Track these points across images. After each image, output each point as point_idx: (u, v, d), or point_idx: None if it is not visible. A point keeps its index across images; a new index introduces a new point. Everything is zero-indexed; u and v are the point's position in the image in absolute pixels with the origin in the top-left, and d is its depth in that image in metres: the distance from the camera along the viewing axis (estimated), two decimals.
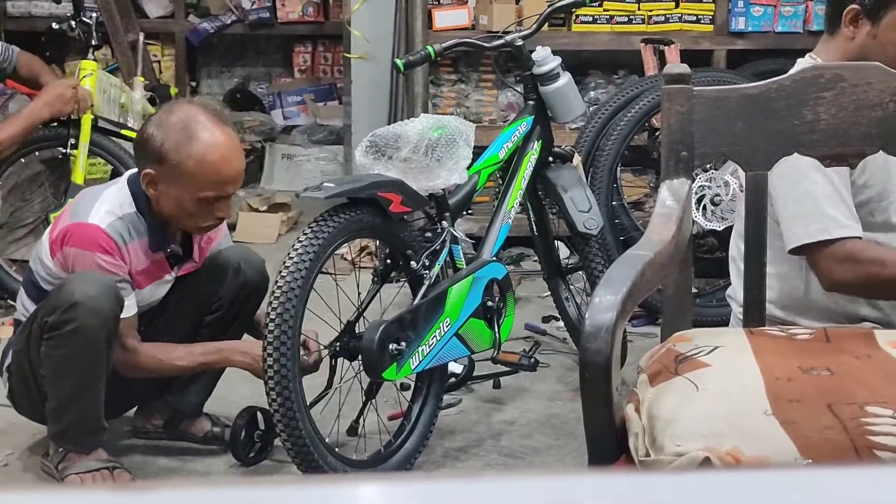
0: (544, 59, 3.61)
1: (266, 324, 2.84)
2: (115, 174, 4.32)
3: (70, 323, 2.86)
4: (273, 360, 2.82)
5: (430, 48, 3.52)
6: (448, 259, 3.28)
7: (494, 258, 3.40)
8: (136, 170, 3.08)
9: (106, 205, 2.99)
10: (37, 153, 4.54)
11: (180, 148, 2.92)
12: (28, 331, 3.02)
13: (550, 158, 3.66)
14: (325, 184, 3.00)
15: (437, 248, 3.21)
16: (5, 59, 4.39)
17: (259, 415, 3.15)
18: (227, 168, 2.98)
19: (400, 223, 3.13)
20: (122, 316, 2.95)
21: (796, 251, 2.55)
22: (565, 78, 3.62)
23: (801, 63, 2.69)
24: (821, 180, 2.50)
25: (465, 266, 3.31)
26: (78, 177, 4.43)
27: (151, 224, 3.02)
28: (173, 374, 3.16)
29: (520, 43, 3.62)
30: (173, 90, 5.84)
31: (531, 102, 3.65)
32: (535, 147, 3.59)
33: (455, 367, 3.44)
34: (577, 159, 3.76)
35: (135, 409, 3.36)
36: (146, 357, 3.05)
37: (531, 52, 3.63)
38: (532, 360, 3.57)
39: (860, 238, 2.52)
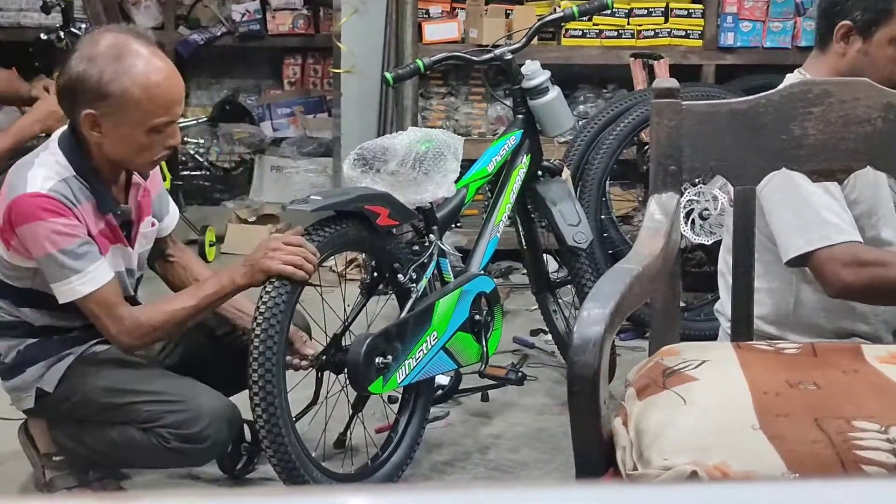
0: (533, 72, 3.61)
1: (251, 338, 2.83)
2: None
3: (187, 453, 2.84)
4: (258, 376, 2.81)
5: (419, 61, 3.53)
6: (436, 272, 3.27)
7: (482, 272, 3.40)
8: (62, 129, 2.87)
9: (42, 171, 2.77)
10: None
11: (121, 77, 2.69)
12: (140, 410, 2.87)
13: (539, 172, 3.67)
14: (312, 196, 2.99)
15: (425, 261, 3.20)
16: None
17: (246, 427, 3.14)
18: (173, 88, 2.78)
19: (387, 236, 3.13)
20: (99, 285, 2.75)
21: (796, 261, 2.55)
22: (554, 92, 3.63)
23: (791, 78, 2.70)
24: (818, 191, 2.51)
25: (452, 279, 3.30)
26: None
27: (95, 186, 2.80)
28: (185, 324, 2.89)
29: (509, 57, 3.63)
30: None
31: (520, 116, 3.65)
32: (524, 161, 3.59)
33: (442, 380, 3.44)
34: (565, 173, 3.77)
35: None
36: (149, 316, 2.83)
37: (520, 65, 3.64)
38: (519, 374, 3.56)
39: (861, 242, 2.52)
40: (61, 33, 4.71)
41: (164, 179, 4.82)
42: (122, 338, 2.83)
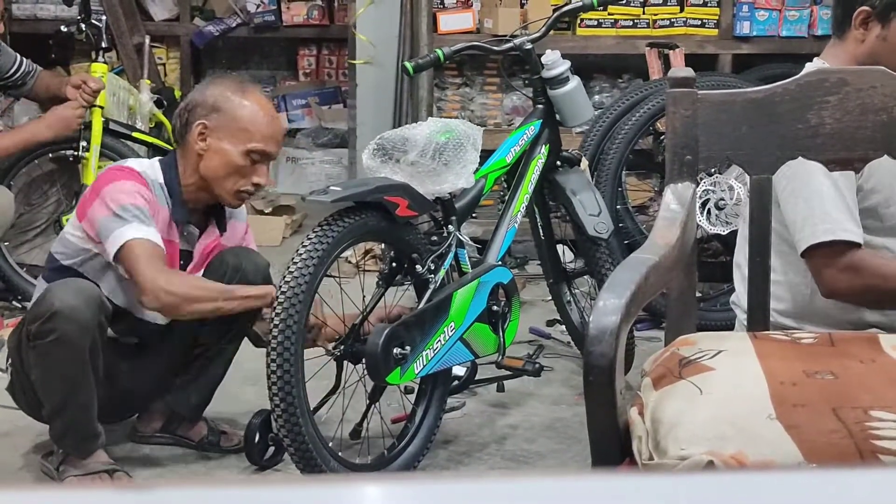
0: (554, 62, 3.59)
1: (269, 329, 2.84)
2: None
3: (51, 333, 2.86)
4: (276, 366, 2.81)
5: (439, 51, 3.51)
6: (453, 263, 3.27)
7: (500, 262, 3.39)
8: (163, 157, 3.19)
9: (138, 163, 3.12)
10: (49, 155, 4.55)
11: (235, 99, 3.08)
12: (19, 333, 3.02)
13: (558, 162, 3.65)
14: (332, 187, 2.99)
15: (443, 252, 3.20)
16: (28, 74, 4.40)
17: (272, 417, 3.13)
18: (275, 126, 3.14)
19: (406, 227, 3.13)
20: (149, 237, 2.92)
21: (806, 254, 2.55)
22: (574, 82, 3.61)
23: (810, 67, 2.68)
24: (827, 183, 2.51)
25: (470, 270, 3.30)
26: (89, 179, 4.44)
27: (175, 198, 3.07)
28: (209, 303, 3.00)
29: (529, 47, 3.62)
30: (177, 93, 5.85)
31: (540, 106, 3.64)
32: (543, 151, 3.58)
33: (458, 370, 3.44)
34: (584, 163, 3.76)
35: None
36: (186, 279, 3.03)
37: (540, 55, 3.63)
38: (536, 365, 3.55)
39: (860, 245, 2.52)
40: (82, 25, 4.73)
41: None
42: (155, 283, 2.90)
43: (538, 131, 3.59)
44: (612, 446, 1.89)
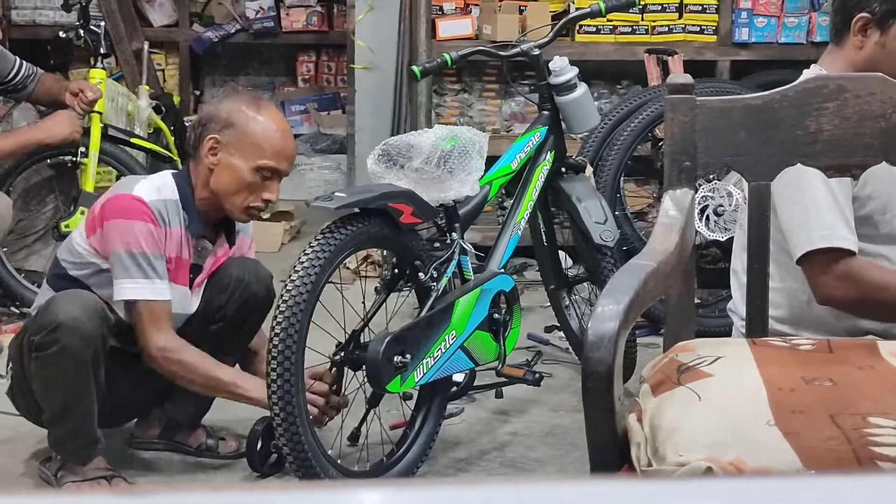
0: (562, 69, 3.58)
1: (271, 336, 2.84)
2: None
3: (54, 344, 2.86)
4: (276, 375, 2.81)
5: (446, 56, 3.49)
6: (456, 270, 3.26)
7: (502, 270, 3.38)
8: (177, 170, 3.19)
9: (149, 184, 3.07)
10: (47, 161, 4.55)
11: (248, 115, 3.05)
12: (20, 342, 3.02)
13: (563, 169, 3.64)
14: (336, 193, 2.98)
15: (447, 259, 3.19)
16: (29, 77, 4.39)
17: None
18: (288, 143, 3.11)
19: (409, 234, 3.12)
20: (160, 297, 2.96)
21: (801, 260, 2.55)
22: (582, 88, 3.59)
23: (808, 74, 2.68)
24: (823, 189, 2.51)
25: (472, 277, 3.29)
26: (88, 185, 4.44)
27: (191, 212, 3.06)
28: (205, 387, 3.08)
29: (536, 52, 3.61)
30: (176, 99, 5.85)
31: (546, 112, 3.62)
32: (548, 158, 3.57)
33: (457, 376, 3.44)
34: (588, 170, 3.75)
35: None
36: (188, 353, 3.01)
37: (547, 62, 3.62)
38: (536, 374, 3.54)
39: (855, 254, 2.52)
40: (81, 31, 4.73)
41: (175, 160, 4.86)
42: (153, 349, 2.99)
43: (544, 138, 3.57)
44: (610, 452, 1.89)
